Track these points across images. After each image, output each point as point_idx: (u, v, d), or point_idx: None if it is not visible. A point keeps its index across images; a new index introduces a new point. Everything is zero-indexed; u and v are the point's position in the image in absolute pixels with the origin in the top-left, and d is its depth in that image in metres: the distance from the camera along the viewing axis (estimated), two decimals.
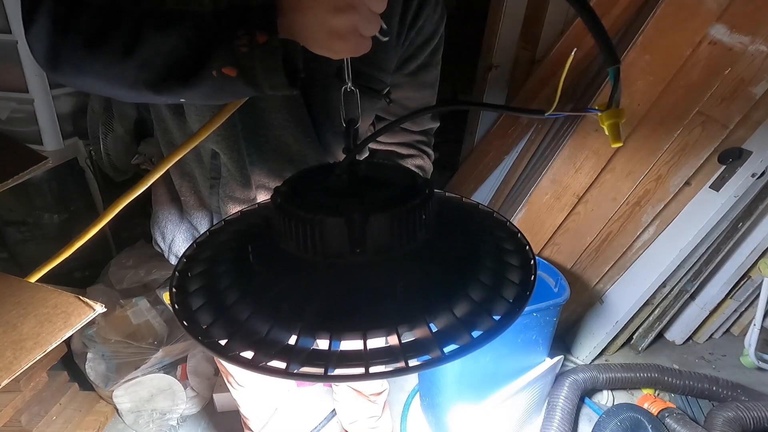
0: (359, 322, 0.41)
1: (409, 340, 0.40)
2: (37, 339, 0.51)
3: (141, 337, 1.63)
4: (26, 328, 0.52)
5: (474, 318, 0.42)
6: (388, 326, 0.40)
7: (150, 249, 1.95)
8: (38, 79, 1.66)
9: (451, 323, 0.41)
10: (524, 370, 1.53)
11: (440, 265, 0.48)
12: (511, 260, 0.49)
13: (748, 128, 1.58)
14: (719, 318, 2.09)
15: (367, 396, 1.24)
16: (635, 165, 1.69)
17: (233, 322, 0.43)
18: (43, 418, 1.52)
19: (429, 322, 0.41)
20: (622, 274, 1.88)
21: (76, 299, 0.56)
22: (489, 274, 0.47)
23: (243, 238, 0.55)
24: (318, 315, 0.42)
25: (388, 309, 0.43)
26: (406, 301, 0.43)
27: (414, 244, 0.46)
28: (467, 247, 0.51)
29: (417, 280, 0.46)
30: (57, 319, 0.54)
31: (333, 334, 0.40)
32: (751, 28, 1.47)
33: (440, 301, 0.43)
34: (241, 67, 0.47)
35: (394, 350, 0.39)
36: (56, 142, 1.78)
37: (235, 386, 1.07)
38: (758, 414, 1.54)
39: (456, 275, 0.47)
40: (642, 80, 1.61)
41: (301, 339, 0.40)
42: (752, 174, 1.59)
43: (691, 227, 1.71)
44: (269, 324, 0.41)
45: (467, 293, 0.44)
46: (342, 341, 0.40)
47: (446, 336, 0.40)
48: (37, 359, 0.49)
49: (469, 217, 0.59)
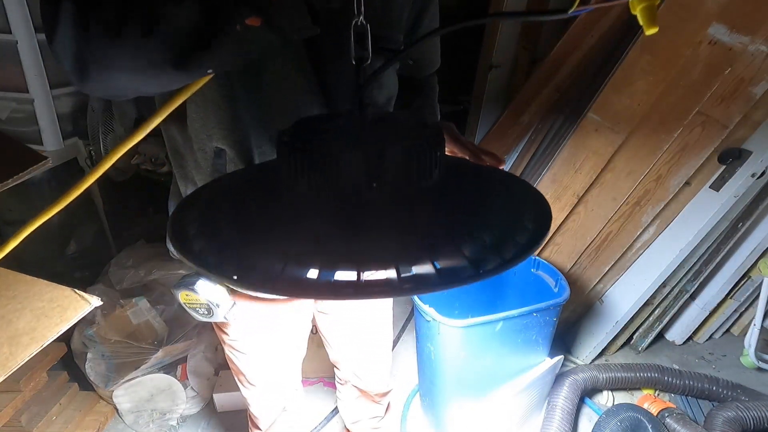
0: (386, 252, 0.39)
1: (445, 265, 0.37)
2: (33, 334, 0.50)
3: (141, 337, 1.63)
4: (22, 323, 0.52)
5: (502, 243, 0.40)
6: (416, 254, 0.38)
7: (150, 249, 1.96)
8: (38, 79, 1.66)
9: (482, 247, 0.40)
10: (524, 370, 1.53)
11: (458, 202, 0.47)
12: (527, 202, 0.48)
13: (748, 128, 1.58)
14: (719, 318, 2.09)
15: (372, 396, 1.24)
16: (635, 165, 1.69)
17: (245, 257, 0.40)
18: (43, 418, 1.52)
19: (460, 245, 0.39)
20: (622, 274, 1.88)
21: (72, 293, 0.56)
22: (507, 211, 0.46)
23: (245, 186, 0.53)
24: (339, 248, 0.40)
25: (413, 240, 0.41)
26: (430, 232, 0.41)
27: (430, 182, 0.44)
28: (482, 189, 0.51)
29: (438, 213, 0.44)
30: (53, 313, 0.53)
31: (360, 266, 0.37)
32: (751, 28, 1.47)
33: (467, 228, 0.42)
34: (264, 14, 0.47)
35: (426, 272, 0.37)
36: (56, 142, 1.78)
37: (246, 385, 1.07)
38: (758, 414, 1.54)
39: (476, 209, 0.46)
40: (642, 80, 1.62)
41: (323, 273, 0.37)
42: (752, 174, 1.59)
43: (691, 227, 1.71)
44: (284, 260, 0.38)
45: (491, 223, 0.43)
46: (367, 272, 0.37)
47: (479, 258, 0.38)
48: (34, 354, 0.49)
49: (479, 169, 0.58)
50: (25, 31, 1.60)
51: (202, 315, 0.89)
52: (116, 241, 2.09)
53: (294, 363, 1.09)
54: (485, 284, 1.73)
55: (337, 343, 1.14)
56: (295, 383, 1.13)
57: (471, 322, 1.32)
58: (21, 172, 0.63)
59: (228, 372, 1.77)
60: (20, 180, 0.63)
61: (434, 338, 1.38)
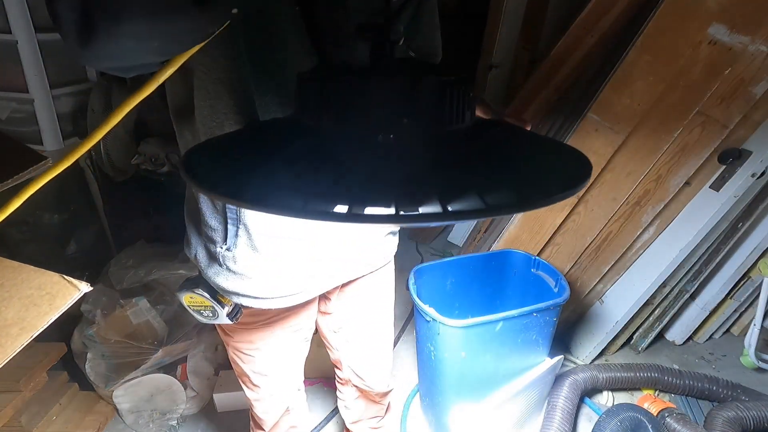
0: (437, 189, 0.35)
1: (490, 198, 0.35)
2: (22, 324, 0.49)
3: (141, 337, 1.63)
4: (11, 312, 0.50)
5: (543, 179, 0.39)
6: (463, 189, 0.35)
7: (150, 249, 1.96)
8: (38, 79, 1.67)
9: (529, 179, 0.38)
10: (524, 370, 1.53)
11: (492, 145, 0.44)
12: (563, 153, 0.46)
13: (748, 128, 1.58)
14: (719, 318, 2.09)
15: (373, 396, 1.24)
16: (635, 165, 1.69)
17: (272, 186, 0.37)
18: (43, 418, 1.52)
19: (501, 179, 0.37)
20: (622, 274, 1.88)
21: (61, 279, 0.54)
22: (543, 158, 0.44)
23: (265, 129, 0.49)
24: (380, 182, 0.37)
25: (455, 176, 0.38)
26: (467, 167, 0.39)
27: (462, 124, 0.41)
28: (515, 139, 0.48)
29: (473, 153, 0.41)
30: (42, 301, 0.52)
31: (400, 199, 0.34)
32: (751, 28, 1.47)
33: (507, 165, 0.40)
34: None
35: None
36: (56, 142, 1.78)
37: (250, 386, 1.06)
38: (758, 414, 1.53)
39: (512, 154, 0.44)
40: (642, 80, 1.61)
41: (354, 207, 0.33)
42: (752, 174, 1.59)
43: (691, 227, 1.71)
44: (310, 193, 0.35)
45: (530, 164, 0.41)
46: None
47: (525, 188, 0.36)
48: (24, 345, 0.47)
49: (509, 126, 0.56)
50: (25, 31, 1.60)
51: (206, 317, 0.89)
52: (116, 241, 2.10)
53: (298, 364, 1.09)
54: (485, 284, 1.73)
55: (339, 344, 1.14)
56: (298, 384, 1.13)
57: (471, 322, 1.32)
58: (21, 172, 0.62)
59: (228, 372, 1.77)
60: (20, 180, 0.63)
61: (434, 338, 1.38)
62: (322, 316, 1.09)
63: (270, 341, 0.98)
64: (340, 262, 0.92)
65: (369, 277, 1.03)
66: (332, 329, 1.12)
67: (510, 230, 1.87)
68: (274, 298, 0.87)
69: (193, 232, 0.88)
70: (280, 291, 0.87)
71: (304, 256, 0.86)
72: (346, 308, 1.07)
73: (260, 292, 0.86)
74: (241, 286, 0.84)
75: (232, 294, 0.86)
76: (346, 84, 0.39)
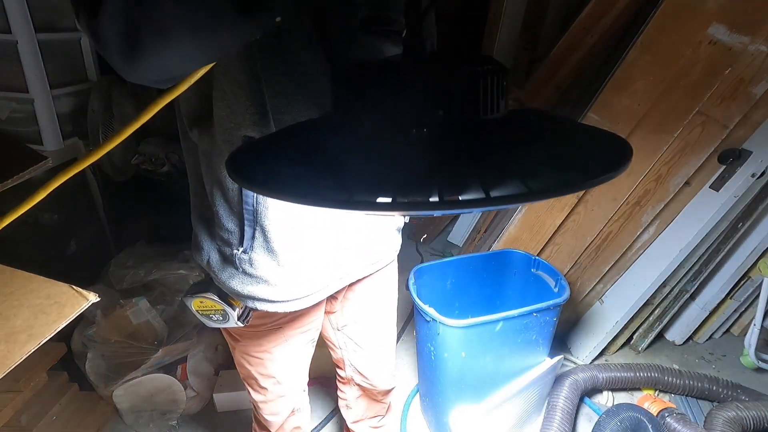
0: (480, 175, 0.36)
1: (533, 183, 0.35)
2: (31, 331, 0.50)
3: (141, 337, 1.63)
4: (19, 320, 0.51)
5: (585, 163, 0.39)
6: (500, 173, 0.36)
7: (150, 249, 1.96)
8: (38, 79, 1.67)
9: (570, 163, 0.39)
10: (524, 370, 1.53)
11: (529, 133, 0.45)
12: (601, 136, 0.46)
13: (748, 128, 1.58)
14: (719, 318, 2.09)
15: (375, 395, 1.24)
16: (635, 165, 1.69)
17: (314, 184, 0.38)
18: (43, 418, 1.52)
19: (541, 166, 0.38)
20: (622, 274, 1.88)
21: (70, 289, 0.55)
22: (582, 142, 0.44)
23: (303, 129, 0.51)
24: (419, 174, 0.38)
25: (490, 163, 0.39)
26: (507, 156, 0.40)
27: (497, 115, 0.42)
28: (550, 126, 0.49)
29: (512, 141, 0.42)
30: (50, 310, 0.53)
31: (447, 188, 0.35)
32: (751, 28, 1.47)
33: (546, 152, 0.41)
34: None
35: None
36: (56, 142, 1.78)
37: (257, 389, 1.06)
38: (758, 414, 1.53)
39: (550, 141, 0.44)
40: (642, 80, 1.61)
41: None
42: (752, 174, 1.59)
43: (691, 227, 1.71)
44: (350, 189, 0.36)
45: (570, 149, 0.42)
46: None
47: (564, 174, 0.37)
48: (32, 352, 0.48)
49: (540, 113, 0.56)
50: (25, 31, 1.60)
51: (216, 321, 0.89)
52: (116, 241, 2.10)
53: (304, 365, 1.09)
54: (485, 284, 1.73)
55: (342, 342, 1.14)
56: (304, 385, 1.13)
57: (471, 322, 1.32)
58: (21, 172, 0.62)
59: (228, 372, 1.77)
60: (20, 180, 0.63)
61: (434, 338, 1.38)
62: (326, 315, 1.09)
63: (279, 343, 0.98)
64: (359, 250, 0.92)
65: (375, 275, 1.03)
66: (336, 327, 1.12)
67: (510, 230, 1.87)
68: (288, 301, 0.87)
69: (205, 237, 0.87)
70: (295, 293, 0.87)
71: (329, 245, 0.86)
72: (352, 306, 1.07)
73: (276, 296, 0.85)
74: (256, 290, 0.84)
75: (247, 298, 0.85)
76: (381, 78, 0.40)
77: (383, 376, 1.20)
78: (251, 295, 0.85)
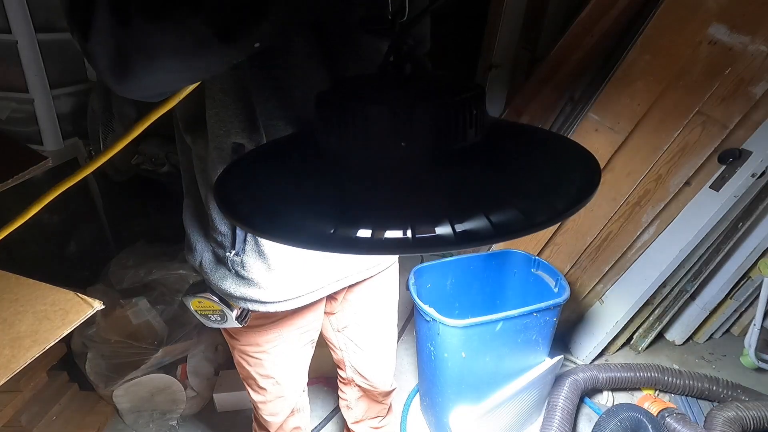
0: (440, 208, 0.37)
1: (498, 219, 0.36)
2: (35, 337, 0.50)
3: (141, 337, 1.63)
4: (24, 325, 0.52)
5: (551, 195, 0.40)
6: (465, 209, 0.37)
7: (150, 249, 1.96)
8: (38, 79, 1.66)
9: (530, 201, 0.39)
10: (524, 370, 1.53)
11: (500, 160, 0.45)
12: (572, 159, 0.46)
13: (748, 128, 1.58)
14: (719, 318, 2.09)
15: (376, 395, 1.24)
16: (635, 165, 1.69)
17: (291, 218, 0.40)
18: (43, 418, 1.52)
19: (509, 199, 0.38)
20: (622, 274, 1.88)
21: (75, 296, 0.56)
22: (552, 168, 0.45)
23: (287, 148, 0.53)
24: (386, 208, 0.39)
25: (454, 197, 0.40)
26: (473, 188, 0.40)
27: (465, 143, 0.42)
28: (524, 147, 0.49)
29: (477, 172, 0.42)
30: (55, 316, 0.53)
31: (410, 222, 0.35)
32: (751, 28, 1.47)
33: (513, 182, 0.41)
34: None
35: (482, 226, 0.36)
36: (56, 142, 1.78)
37: (256, 389, 1.06)
38: (758, 414, 1.53)
39: (519, 167, 0.45)
40: (642, 80, 1.61)
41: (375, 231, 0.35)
42: (752, 174, 1.59)
43: (691, 227, 1.71)
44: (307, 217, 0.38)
45: (537, 178, 0.42)
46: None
47: (532, 209, 0.38)
48: (36, 357, 0.49)
49: (520, 127, 0.56)
50: (25, 31, 1.60)
51: (214, 321, 0.88)
52: (116, 241, 2.09)
53: (304, 365, 1.09)
54: (485, 284, 1.73)
55: (343, 343, 1.14)
56: (304, 385, 1.13)
57: (471, 322, 1.32)
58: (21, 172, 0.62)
59: (228, 372, 1.77)
60: (20, 180, 0.63)
61: (434, 338, 1.38)
62: (327, 316, 1.09)
63: (277, 343, 0.98)
64: (349, 258, 0.92)
65: (375, 277, 1.03)
66: (336, 329, 1.12)
67: None
68: (281, 301, 0.87)
69: (198, 239, 0.87)
70: (288, 295, 0.87)
71: (316, 254, 0.85)
72: (352, 308, 1.07)
73: (268, 297, 0.85)
74: (249, 291, 0.84)
75: (239, 299, 0.85)
76: (347, 108, 0.41)
77: (384, 378, 1.20)
78: (243, 297, 0.85)
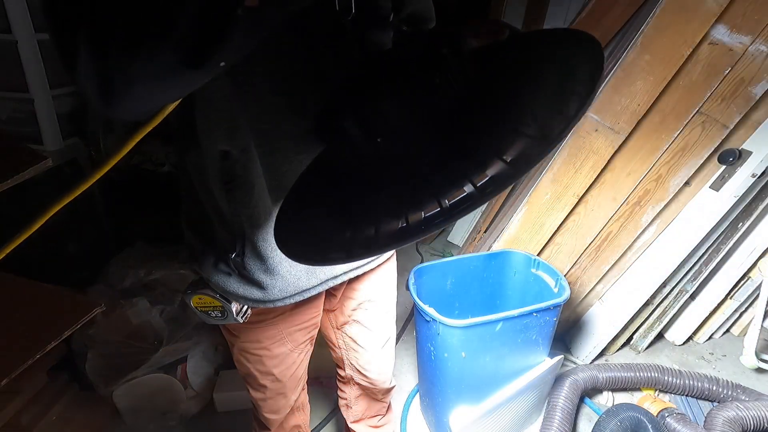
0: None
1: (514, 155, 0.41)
2: (36, 338, 0.51)
3: (141, 337, 1.63)
4: (24, 326, 0.52)
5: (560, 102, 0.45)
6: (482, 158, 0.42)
7: (150, 249, 1.96)
8: (38, 79, 1.66)
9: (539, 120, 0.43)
10: (524, 370, 1.53)
11: (495, 95, 0.50)
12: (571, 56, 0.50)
13: (748, 128, 1.59)
14: (719, 318, 2.09)
15: (375, 393, 1.24)
16: (635, 165, 1.69)
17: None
18: (43, 418, 1.52)
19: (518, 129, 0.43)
20: (622, 274, 1.88)
21: (75, 296, 0.56)
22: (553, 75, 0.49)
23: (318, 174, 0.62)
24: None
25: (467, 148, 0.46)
26: (482, 135, 0.46)
27: (450, 97, 0.48)
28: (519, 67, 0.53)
29: (480, 115, 0.48)
30: (56, 317, 0.54)
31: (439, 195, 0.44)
32: (751, 28, 1.47)
33: (516, 112, 0.46)
34: None
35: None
36: (56, 142, 1.78)
37: (256, 387, 1.06)
38: (758, 414, 1.53)
39: (517, 92, 0.48)
40: (642, 80, 1.61)
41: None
42: (752, 174, 1.59)
43: (690, 227, 1.71)
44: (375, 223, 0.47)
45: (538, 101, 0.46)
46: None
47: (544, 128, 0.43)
48: (37, 358, 0.49)
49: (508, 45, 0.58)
50: (25, 31, 1.60)
51: (215, 318, 0.89)
52: (116, 241, 2.09)
53: (304, 362, 1.09)
54: (485, 284, 1.73)
55: (342, 341, 1.14)
56: (303, 383, 1.13)
57: (471, 322, 1.32)
58: (21, 172, 0.63)
59: (228, 372, 1.77)
60: (20, 180, 0.63)
61: (434, 338, 1.38)
62: (326, 313, 1.09)
63: (276, 340, 0.98)
64: None
65: (374, 275, 1.03)
66: (335, 326, 1.12)
67: (510, 230, 1.87)
68: (282, 298, 0.88)
69: (198, 241, 0.88)
70: (289, 291, 0.88)
71: None
72: (351, 305, 1.07)
73: (269, 296, 0.86)
74: (250, 291, 0.85)
75: (241, 298, 0.86)
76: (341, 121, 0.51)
77: (383, 375, 1.20)
78: (245, 296, 0.86)
